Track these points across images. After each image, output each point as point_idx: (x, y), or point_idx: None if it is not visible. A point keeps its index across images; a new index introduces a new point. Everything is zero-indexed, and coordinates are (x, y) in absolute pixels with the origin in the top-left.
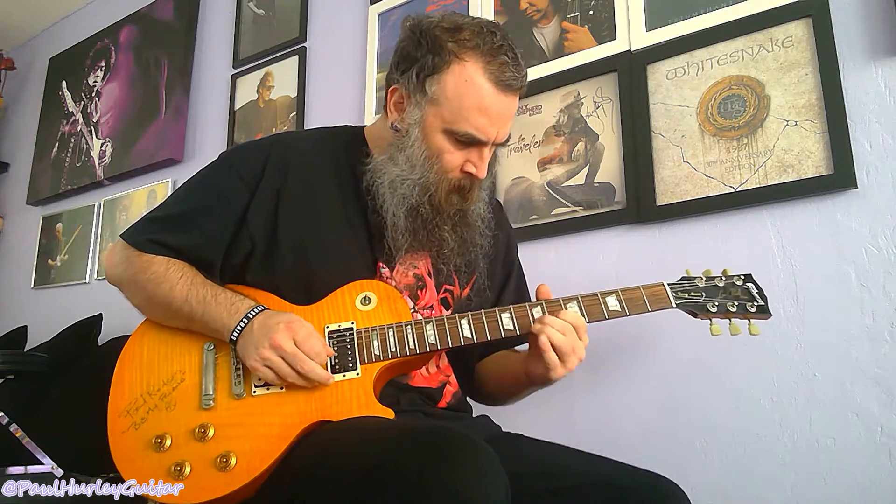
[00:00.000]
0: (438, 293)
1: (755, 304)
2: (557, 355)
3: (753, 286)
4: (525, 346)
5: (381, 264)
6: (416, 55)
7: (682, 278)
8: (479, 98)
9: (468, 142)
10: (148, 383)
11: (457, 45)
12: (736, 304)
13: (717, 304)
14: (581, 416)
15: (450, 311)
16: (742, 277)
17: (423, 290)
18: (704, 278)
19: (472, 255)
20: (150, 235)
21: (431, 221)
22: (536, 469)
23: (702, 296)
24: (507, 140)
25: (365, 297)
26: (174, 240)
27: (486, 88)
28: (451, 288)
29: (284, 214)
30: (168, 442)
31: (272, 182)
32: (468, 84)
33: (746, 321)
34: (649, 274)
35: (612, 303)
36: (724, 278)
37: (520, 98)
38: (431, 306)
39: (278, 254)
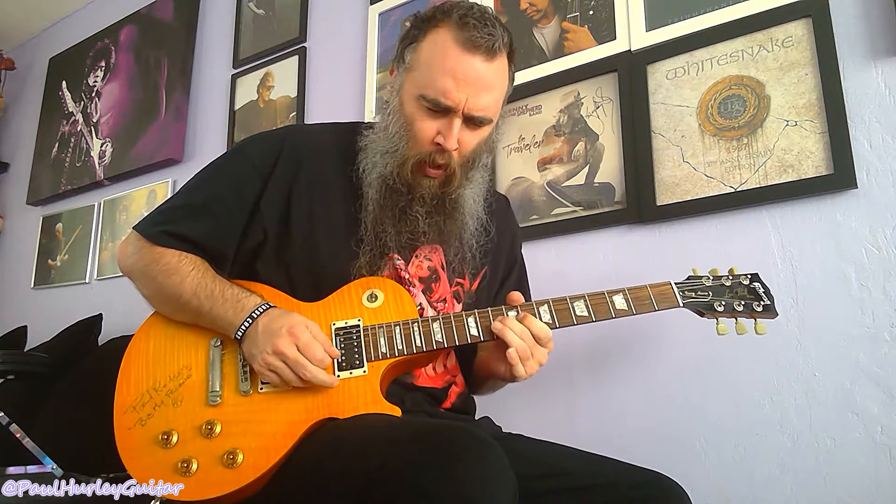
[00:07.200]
0: (451, 286)
1: (761, 303)
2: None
3: (760, 285)
4: None
5: (395, 256)
6: (406, 34)
7: (689, 277)
8: (444, 58)
9: (437, 108)
10: (155, 379)
11: (436, 16)
12: (742, 303)
13: (723, 303)
14: (581, 415)
15: (460, 305)
16: (749, 277)
17: (438, 283)
18: (711, 277)
19: (467, 250)
20: (162, 227)
21: (403, 197)
22: (536, 469)
23: (708, 295)
24: (486, 119)
25: (371, 294)
26: (187, 230)
27: (452, 49)
28: (461, 282)
29: (296, 207)
30: (175, 438)
31: (285, 173)
32: (437, 46)
33: (752, 321)
34: (650, 274)
35: (619, 301)
36: (730, 277)
37: (511, 69)
38: (444, 299)
39: (289, 246)
